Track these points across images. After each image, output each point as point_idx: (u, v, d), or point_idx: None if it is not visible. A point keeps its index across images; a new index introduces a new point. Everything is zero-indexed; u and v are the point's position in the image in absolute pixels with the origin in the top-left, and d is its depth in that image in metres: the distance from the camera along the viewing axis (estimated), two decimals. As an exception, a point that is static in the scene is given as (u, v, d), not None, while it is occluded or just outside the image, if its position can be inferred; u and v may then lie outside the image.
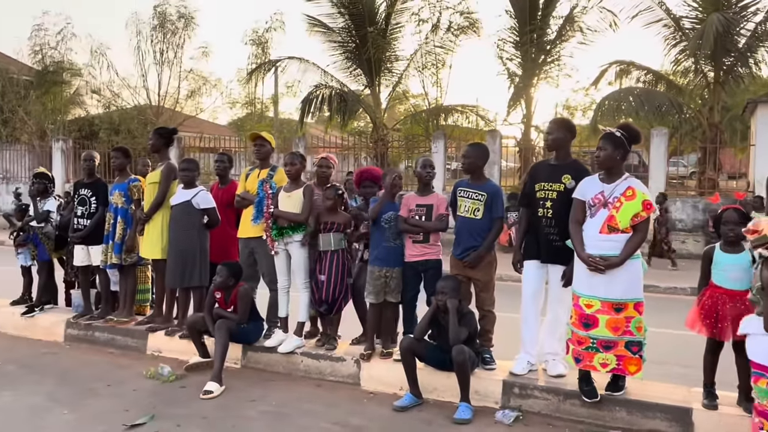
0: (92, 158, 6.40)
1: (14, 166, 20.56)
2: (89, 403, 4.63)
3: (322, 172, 5.63)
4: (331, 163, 5.71)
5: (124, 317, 6.19)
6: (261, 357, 5.43)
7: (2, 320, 6.72)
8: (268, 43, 20.73)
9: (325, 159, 5.70)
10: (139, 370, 5.34)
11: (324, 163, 5.66)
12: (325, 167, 5.65)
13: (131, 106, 21.48)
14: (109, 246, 6.10)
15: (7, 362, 5.60)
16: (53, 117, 21.37)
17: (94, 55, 20.60)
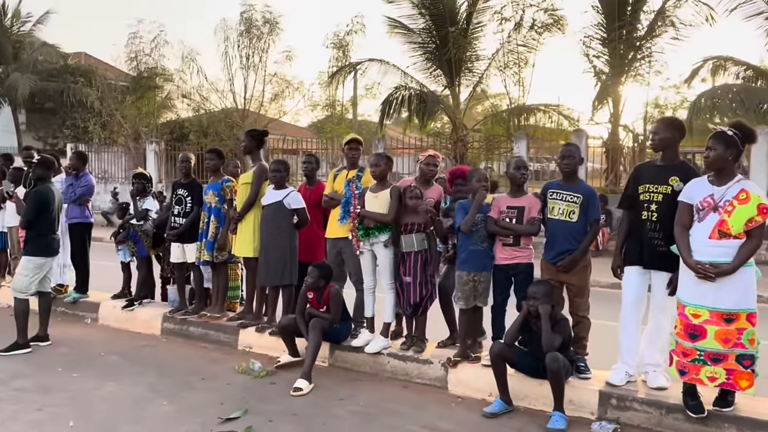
0: (188, 160, 6.67)
1: (112, 167, 21.82)
2: (186, 396, 4.81)
3: (429, 170, 5.61)
4: (437, 161, 5.68)
5: (217, 313, 6.41)
6: (348, 356, 5.47)
7: (105, 313, 7.12)
8: (348, 46, 20.98)
9: (432, 157, 5.66)
10: (231, 365, 5.50)
11: (431, 161, 5.62)
12: (432, 165, 5.62)
13: (219, 109, 22.30)
14: (202, 244, 6.32)
15: (110, 353, 5.92)
16: (147, 120, 22.51)
17: (185, 61, 21.54)
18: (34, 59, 26.15)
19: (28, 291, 5.98)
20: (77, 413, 4.42)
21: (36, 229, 5.97)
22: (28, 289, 5.98)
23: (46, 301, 6.22)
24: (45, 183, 6.11)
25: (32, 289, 6.01)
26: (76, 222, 7.29)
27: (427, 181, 5.59)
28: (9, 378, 5.14)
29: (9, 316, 7.16)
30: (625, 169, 15.73)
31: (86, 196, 7.36)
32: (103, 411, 4.49)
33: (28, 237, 6.09)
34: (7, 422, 4.25)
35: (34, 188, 6.12)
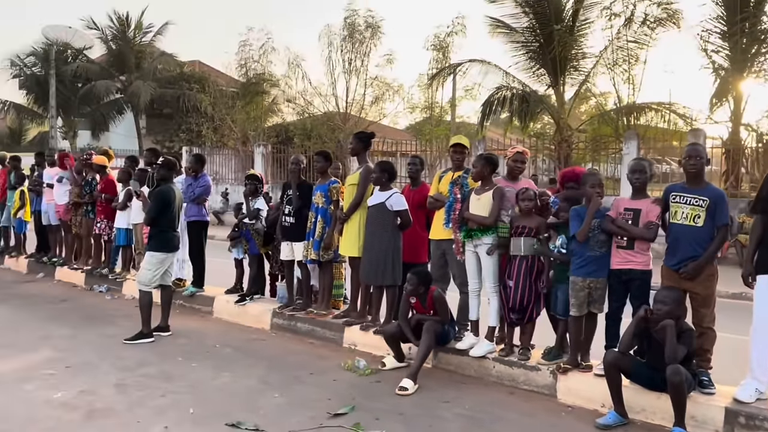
0: (299, 162, 6.88)
1: (222, 169, 23.00)
2: (296, 389, 4.97)
3: (516, 167, 5.51)
4: (525, 158, 5.56)
5: (323, 310, 6.57)
6: (452, 359, 5.44)
7: (219, 307, 7.50)
8: (449, 47, 20.88)
9: (520, 153, 5.55)
10: (337, 361, 5.62)
11: (519, 157, 5.51)
12: (519, 162, 5.51)
13: (321, 113, 22.93)
14: (309, 243, 6.51)
15: (224, 345, 6.22)
16: (254, 124, 23.55)
17: (290, 67, 22.32)
18: (154, 68, 28.14)
19: (151, 284, 6.41)
20: (196, 401, 4.68)
21: (158, 227, 6.39)
22: (152, 282, 6.41)
23: (167, 294, 6.64)
24: (167, 183, 6.53)
25: (155, 282, 6.44)
26: (193, 220, 7.73)
27: (514, 177, 5.50)
28: (136, 365, 5.53)
29: (134, 308, 7.74)
30: (747, 171, 14.60)
31: (204, 196, 7.80)
32: (220, 400, 4.73)
33: (151, 233, 6.53)
34: (135, 407, 4.57)
35: (157, 188, 6.56)
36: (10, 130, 34.17)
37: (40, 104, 27.65)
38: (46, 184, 9.89)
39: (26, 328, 6.81)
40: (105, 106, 28.29)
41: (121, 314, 7.49)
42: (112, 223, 8.81)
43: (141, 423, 4.26)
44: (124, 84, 27.99)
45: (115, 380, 5.11)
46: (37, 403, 4.59)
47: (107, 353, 5.86)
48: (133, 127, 28.51)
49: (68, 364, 5.51)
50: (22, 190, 10.44)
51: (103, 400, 4.69)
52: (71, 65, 27.20)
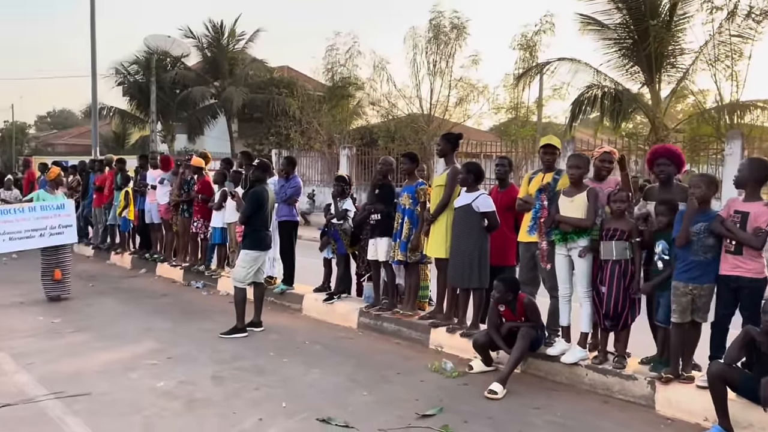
0: (388, 164, 6.95)
1: (309, 171, 23.59)
2: (384, 388, 5.02)
3: (604, 167, 5.33)
4: (612, 158, 5.37)
5: (409, 311, 6.60)
6: (542, 365, 5.31)
7: (308, 304, 7.69)
8: (536, 46, 20.44)
9: (608, 153, 5.37)
10: (424, 362, 5.62)
11: (606, 157, 5.33)
12: (607, 162, 5.33)
13: (405, 115, 23.04)
14: (396, 243, 6.55)
15: (313, 342, 6.37)
16: (340, 127, 23.99)
17: (375, 70, 22.58)
18: (246, 74, 29.24)
19: (245, 281, 6.66)
20: (288, 395, 4.82)
21: (252, 226, 6.65)
22: (246, 279, 6.66)
23: (260, 291, 6.89)
24: (261, 184, 6.77)
25: (249, 279, 6.69)
26: (284, 220, 7.98)
27: (601, 178, 5.33)
28: (231, 358, 5.77)
29: (229, 303, 8.07)
30: None
31: (294, 197, 8.04)
32: (311, 395, 4.85)
33: (245, 232, 6.79)
34: (231, 398, 4.76)
35: (251, 189, 6.82)
36: (115, 134, 36.56)
37: (142, 110, 29.35)
38: (149, 185, 10.51)
39: (131, 320, 7.27)
40: (200, 111, 29.69)
41: (217, 309, 7.84)
42: (208, 223, 9.24)
43: (237, 414, 4.44)
44: (218, 90, 29.25)
45: (212, 372, 5.35)
46: (142, 391, 4.88)
47: (205, 346, 6.15)
48: (226, 130, 29.73)
49: (169, 355, 5.83)
50: (127, 190, 11.14)
51: (202, 390, 4.92)
52: (170, 73, 28.71)
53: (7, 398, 4.65)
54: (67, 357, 5.79)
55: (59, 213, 8.41)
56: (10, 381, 5.08)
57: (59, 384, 4.96)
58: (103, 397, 4.73)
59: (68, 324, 7.01)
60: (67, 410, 4.45)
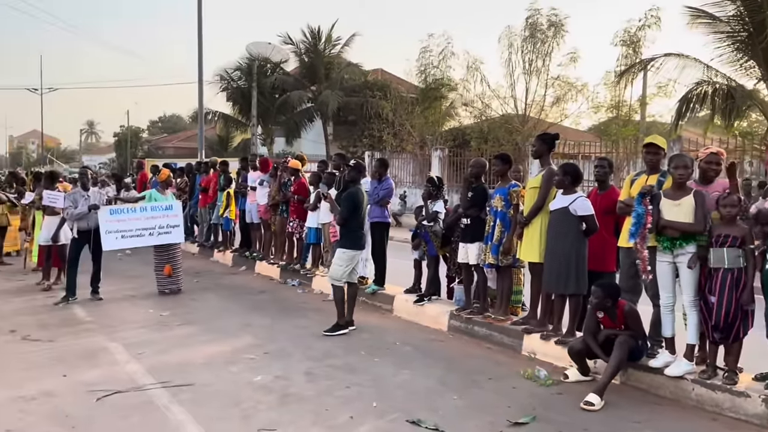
0: (481, 165, 6.85)
1: (401, 172, 23.75)
2: (474, 393, 4.95)
3: (711, 169, 4.99)
4: (720, 159, 5.02)
5: (501, 316, 6.48)
6: (644, 377, 5.04)
7: (398, 305, 7.73)
8: (640, 41, 19.45)
9: (715, 155, 5.02)
10: (516, 369, 5.50)
11: (713, 159, 5.00)
12: (714, 164, 5.00)
13: (499, 115, 22.68)
14: (487, 246, 6.45)
15: (403, 343, 6.40)
16: (432, 128, 23.98)
17: (469, 71, 22.38)
18: (341, 78, 29.89)
19: (342, 279, 6.80)
20: (379, 395, 4.86)
21: (349, 226, 6.77)
22: (342, 277, 6.80)
23: (353, 291, 7.00)
24: (356, 185, 6.89)
25: (345, 277, 6.81)
26: (377, 221, 8.06)
27: (708, 180, 5.01)
28: (323, 356, 5.90)
29: (322, 301, 8.28)
30: None
31: (387, 198, 8.11)
32: (401, 396, 4.87)
33: (341, 232, 6.94)
34: (323, 395, 4.87)
35: (347, 190, 6.94)
36: (219, 138, 38.52)
37: (244, 114, 30.72)
38: (249, 186, 10.97)
39: (232, 315, 7.61)
40: (298, 115, 30.68)
41: (311, 307, 8.06)
42: (303, 223, 9.51)
43: (329, 411, 4.53)
44: (314, 94, 30.10)
45: (306, 368, 5.50)
46: (241, 385, 5.09)
47: (299, 343, 6.33)
48: (322, 133, 30.54)
49: (266, 350, 6.05)
50: (229, 191, 11.68)
51: (296, 386, 5.07)
52: (270, 78, 29.87)
53: (119, 385, 4.99)
54: (174, 348, 6.14)
55: (167, 213, 8.95)
56: (122, 370, 5.45)
57: (166, 374, 5.27)
58: (206, 388, 4.98)
59: (176, 317, 7.44)
60: (173, 399, 4.72)
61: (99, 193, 8.80)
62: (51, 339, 6.44)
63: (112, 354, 5.93)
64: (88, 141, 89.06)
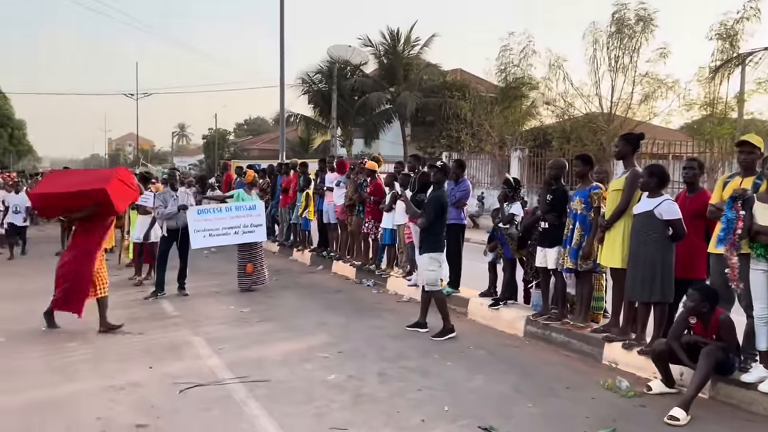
0: (560, 166, 6.65)
1: (478, 173, 23.48)
2: (550, 402, 4.80)
3: None
4: None
5: (580, 322, 6.26)
6: (735, 392, 4.73)
7: (473, 309, 7.63)
8: (738, 35, 18.28)
9: None
10: (596, 378, 5.29)
11: None
12: None
13: (582, 114, 21.96)
14: (566, 250, 6.25)
15: (477, 347, 6.31)
16: (512, 128, 23.54)
17: (551, 69, 21.77)
18: (420, 79, 29.91)
19: (437, 283, 6.73)
20: (451, 399, 4.81)
21: (433, 229, 6.66)
22: (437, 282, 6.73)
23: (427, 294, 6.93)
24: (441, 187, 6.79)
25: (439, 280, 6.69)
26: (453, 223, 7.96)
27: None
28: (396, 357, 5.91)
29: (396, 303, 8.33)
30: None
31: (463, 200, 8.03)
32: (473, 401, 4.80)
33: (424, 236, 6.77)
34: (395, 397, 4.87)
35: (433, 192, 6.81)
36: (300, 139, 39.48)
37: (324, 116, 31.32)
38: (326, 187, 11.17)
39: (308, 313, 7.77)
40: (376, 116, 30.95)
41: (386, 308, 8.10)
42: (378, 224, 9.57)
43: (401, 413, 4.53)
44: (393, 95, 30.27)
45: (379, 369, 5.52)
46: (315, 382, 5.18)
47: (373, 343, 6.37)
48: (400, 134, 30.67)
49: (340, 349, 6.13)
50: (308, 192, 11.94)
51: (369, 386, 5.10)
52: (350, 80, 30.29)
53: (201, 379, 5.20)
54: (253, 344, 6.34)
55: (251, 213, 9.26)
56: (204, 364, 5.68)
57: (244, 369, 5.45)
58: (281, 385, 5.10)
59: (255, 314, 7.68)
60: (250, 394, 4.87)
61: (186, 193, 9.22)
62: (141, 332, 6.80)
63: (196, 348, 6.18)
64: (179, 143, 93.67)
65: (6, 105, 40.34)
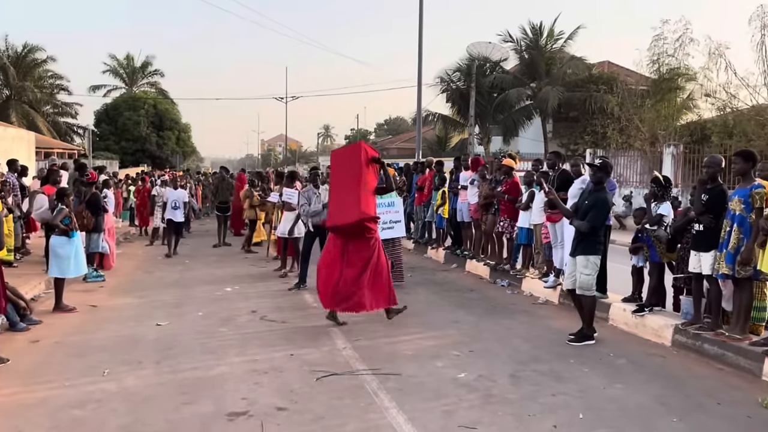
0: (716, 164, 6.08)
1: (626, 171, 22.10)
2: (698, 418, 4.43)
3: None
4: None
5: (737, 334, 5.71)
6: None
7: (615, 314, 7.23)
8: None
9: None
10: (754, 395, 4.82)
11: None
12: None
13: (748, 107, 19.90)
14: (722, 255, 5.72)
15: (618, 355, 5.97)
16: (665, 123, 21.90)
17: (711, 57, 19.97)
18: (563, 73, 28.83)
19: (592, 288, 6.37)
20: (586, 406, 4.61)
21: (593, 231, 6.28)
22: (592, 286, 6.36)
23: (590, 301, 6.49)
24: (603, 187, 6.40)
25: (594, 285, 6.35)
26: (601, 224, 7.59)
27: None
28: (529, 360, 5.77)
29: (531, 304, 8.13)
30: None
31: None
32: (611, 411, 4.55)
33: (582, 237, 6.34)
34: (526, 400, 4.75)
35: (597, 193, 6.35)
36: (438, 138, 39.70)
37: (462, 114, 31.21)
38: (461, 185, 11.13)
39: (440, 311, 7.81)
40: (516, 113, 30.28)
41: (520, 309, 7.93)
42: (514, 223, 9.37)
43: (531, 417, 4.42)
44: (533, 91, 29.47)
45: (511, 371, 5.42)
46: (445, 380, 5.20)
47: (505, 344, 6.26)
48: (540, 131, 29.78)
49: (471, 348, 6.10)
50: (443, 190, 11.97)
51: (499, 387, 5.03)
52: (489, 77, 29.92)
53: (336, 368, 5.43)
54: (386, 338, 6.49)
55: (390, 210, 9.50)
56: (340, 354, 5.91)
57: (377, 361, 5.61)
58: (411, 379, 5.18)
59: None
60: (381, 386, 5.00)
61: (326, 190, 9.61)
62: (283, 321, 7.24)
63: (332, 339, 6.46)
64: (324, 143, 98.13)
65: (174, 110, 44.70)
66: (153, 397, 4.77)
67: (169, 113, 43.16)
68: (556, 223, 8.10)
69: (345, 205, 6.76)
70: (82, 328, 6.83)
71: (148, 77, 47.93)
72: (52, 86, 39.59)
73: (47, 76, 39.14)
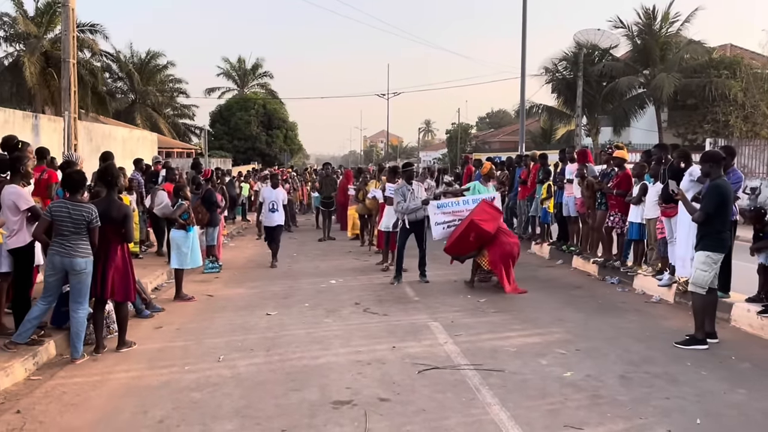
0: None
1: (752, 162, 20.44)
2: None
3: None
4: None
5: None
6: None
7: (738, 315, 6.73)
8: None
9: None
10: None
11: None
12: None
13: None
14: None
15: (741, 359, 5.56)
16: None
17: None
18: (679, 58, 27.07)
19: (706, 286, 5.92)
20: (704, 412, 4.33)
21: (713, 224, 5.86)
22: (706, 283, 5.91)
23: (713, 297, 6.11)
24: (720, 175, 5.97)
25: (708, 283, 5.91)
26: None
27: None
28: (641, 361, 5.49)
29: (643, 303, 7.71)
30: None
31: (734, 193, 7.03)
32: (731, 417, 4.26)
33: (704, 232, 5.96)
34: (637, 403, 4.53)
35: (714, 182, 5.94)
36: (542, 130, 38.61)
37: (568, 105, 30.10)
38: (567, 179, 10.76)
39: (544, 308, 7.60)
40: (627, 102, 28.79)
41: (631, 308, 7.57)
42: (625, 217, 8.94)
43: (643, 420, 4.22)
44: (647, 78, 27.89)
45: (621, 371, 5.19)
46: (550, 378, 5.07)
47: (615, 344, 6.01)
48: (654, 120, 28.15)
49: (578, 347, 5.90)
50: (548, 184, 11.63)
51: (607, 388, 4.83)
52: (597, 66, 28.63)
53: (437, 362, 5.45)
54: (488, 334, 6.42)
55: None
56: (441, 348, 5.92)
57: (479, 357, 5.56)
58: (515, 376, 5.10)
59: (491, 304, 7.77)
60: (483, 382, 4.96)
61: (419, 185, 9.57)
62: (385, 313, 7.35)
63: (433, 333, 6.48)
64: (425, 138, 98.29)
65: (282, 109, 46.53)
66: (263, 383, 5.01)
67: (277, 113, 45.01)
68: (672, 218, 7.64)
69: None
70: (199, 316, 7.29)
71: (258, 79, 50.19)
72: (172, 90, 42.42)
73: (168, 80, 41.98)
